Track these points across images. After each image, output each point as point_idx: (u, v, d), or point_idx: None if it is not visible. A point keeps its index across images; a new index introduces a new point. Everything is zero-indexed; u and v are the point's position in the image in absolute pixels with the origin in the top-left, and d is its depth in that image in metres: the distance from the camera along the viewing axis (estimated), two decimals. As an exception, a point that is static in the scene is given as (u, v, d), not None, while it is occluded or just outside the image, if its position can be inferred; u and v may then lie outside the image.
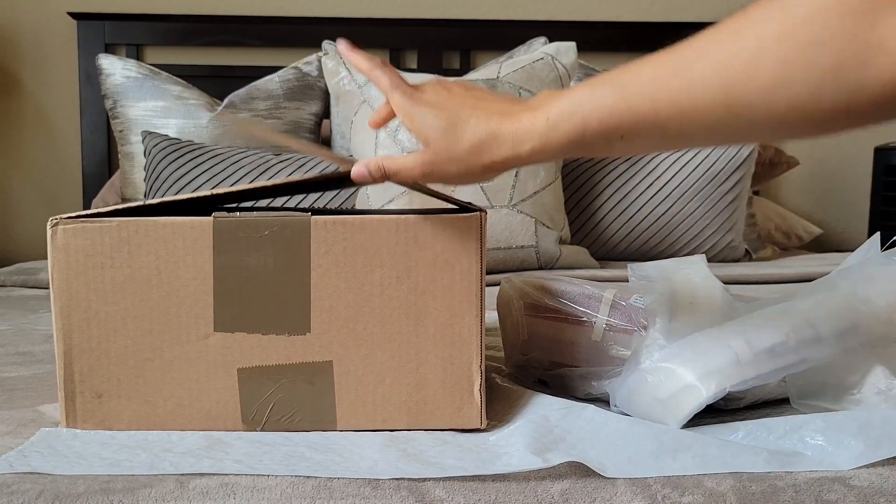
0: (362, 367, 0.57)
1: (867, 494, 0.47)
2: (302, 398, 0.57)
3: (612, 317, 0.64)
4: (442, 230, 0.56)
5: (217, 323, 0.56)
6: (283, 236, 0.56)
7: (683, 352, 0.58)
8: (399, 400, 0.57)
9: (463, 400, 0.58)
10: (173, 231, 0.56)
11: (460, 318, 0.57)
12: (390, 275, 0.56)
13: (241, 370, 0.57)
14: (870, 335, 0.55)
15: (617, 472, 0.49)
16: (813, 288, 0.59)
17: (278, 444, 0.54)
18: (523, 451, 0.52)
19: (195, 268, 0.56)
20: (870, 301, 0.56)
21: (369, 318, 0.57)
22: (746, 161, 1.71)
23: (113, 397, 0.57)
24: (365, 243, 0.56)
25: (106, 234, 0.56)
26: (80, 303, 0.56)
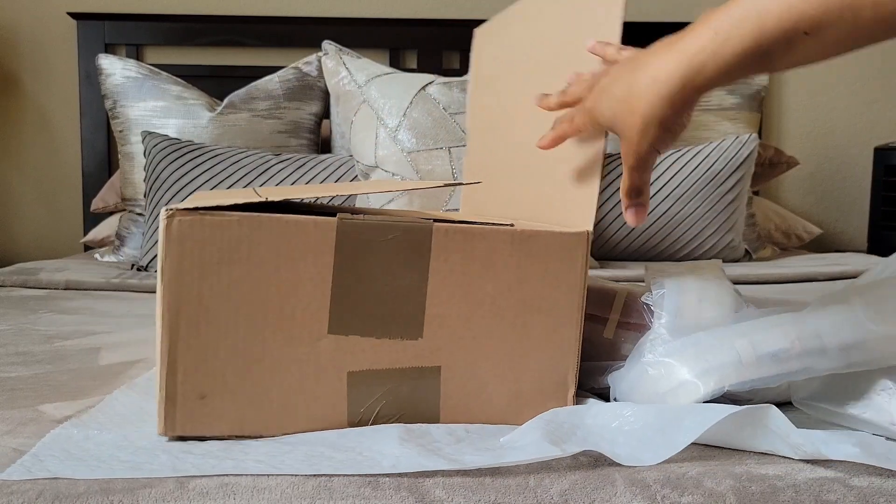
0: (467, 374, 0.58)
1: (867, 494, 0.47)
2: (407, 401, 0.58)
3: (624, 315, 0.65)
4: (552, 245, 0.58)
5: (332, 325, 0.56)
6: (405, 241, 0.56)
7: (687, 348, 0.58)
8: (497, 405, 0.59)
9: (557, 406, 0.60)
10: (297, 230, 0.54)
11: (562, 330, 0.59)
12: (502, 286, 0.57)
13: (352, 374, 0.56)
14: (876, 354, 0.55)
15: (632, 459, 0.50)
16: (825, 300, 0.59)
17: (297, 444, 0.54)
18: (539, 441, 0.53)
19: (315, 268, 0.55)
20: (880, 320, 0.56)
21: (478, 327, 0.58)
22: (746, 161, 1.71)
23: (217, 398, 0.55)
24: (482, 253, 0.57)
25: (226, 229, 0.53)
26: (191, 298, 0.53)
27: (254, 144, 1.82)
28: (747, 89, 2.01)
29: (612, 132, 0.57)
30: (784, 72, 0.48)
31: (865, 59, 2.29)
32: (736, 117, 1.99)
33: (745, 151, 1.71)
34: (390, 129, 1.55)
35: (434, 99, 1.57)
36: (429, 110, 1.56)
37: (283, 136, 1.86)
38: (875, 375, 0.57)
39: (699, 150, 1.73)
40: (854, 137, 2.31)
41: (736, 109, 2.00)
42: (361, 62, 1.70)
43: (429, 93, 1.58)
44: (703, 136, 1.96)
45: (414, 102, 1.56)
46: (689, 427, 0.51)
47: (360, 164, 1.61)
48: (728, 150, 1.71)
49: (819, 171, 2.32)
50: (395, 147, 1.54)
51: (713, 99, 2.00)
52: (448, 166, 1.51)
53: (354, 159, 1.64)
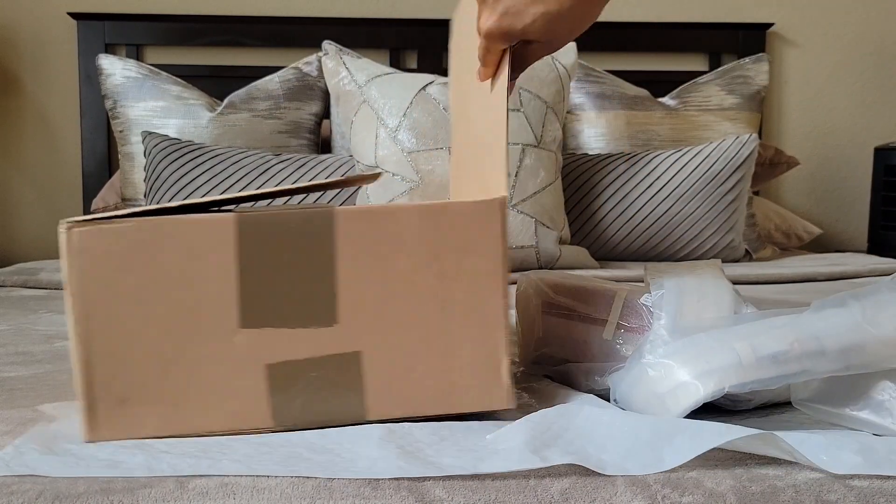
0: (391, 356, 0.57)
1: (867, 494, 0.47)
2: (331, 390, 0.57)
3: (623, 316, 0.65)
4: (465, 216, 0.57)
5: (243, 319, 0.55)
6: (307, 229, 0.55)
7: (686, 349, 0.58)
8: (429, 386, 0.57)
9: (491, 382, 0.58)
10: (195, 229, 0.55)
11: (486, 300, 0.57)
12: (415, 262, 0.56)
13: (270, 366, 0.56)
14: (875, 357, 0.55)
15: (615, 468, 0.49)
16: (823, 303, 0.59)
17: (277, 445, 0.54)
18: (521, 448, 0.52)
19: (218, 265, 0.55)
20: (878, 324, 0.56)
21: (396, 307, 0.56)
22: (746, 161, 1.71)
23: (137, 403, 0.55)
24: (389, 232, 0.56)
25: (124, 236, 0.54)
26: (99, 307, 0.54)
27: (254, 144, 1.82)
28: (747, 89, 2.01)
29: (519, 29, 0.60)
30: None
31: (865, 59, 2.29)
32: (736, 117, 1.99)
33: (745, 151, 1.71)
34: (390, 130, 1.55)
35: (434, 99, 1.57)
36: (429, 110, 1.56)
37: (284, 137, 1.86)
38: (874, 377, 0.57)
39: (699, 150, 1.73)
40: (854, 137, 2.31)
41: (736, 109, 2.00)
42: (361, 62, 1.70)
43: (429, 93, 1.58)
44: (703, 136, 1.96)
45: (414, 102, 1.57)
46: (679, 446, 0.51)
47: (360, 165, 1.61)
48: (728, 150, 1.71)
49: (819, 171, 2.32)
50: (396, 147, 1.54)
51: (713, 99, 2.00)
52: (448, 166, 1.51)
53: (354, 159, 1.64)
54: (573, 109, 2.00)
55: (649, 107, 1.98)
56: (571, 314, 0.68)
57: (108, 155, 2.08)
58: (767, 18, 2.24)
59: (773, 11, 2.25)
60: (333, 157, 1.72)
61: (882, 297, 0.58)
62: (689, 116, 1.98)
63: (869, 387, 0.57)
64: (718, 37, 2.21)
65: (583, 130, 1.99)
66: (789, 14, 2.26)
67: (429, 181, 1.51)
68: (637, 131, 1.96)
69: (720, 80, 2.03)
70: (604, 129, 1.97)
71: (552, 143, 1.60)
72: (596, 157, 1.77)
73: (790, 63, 2.28)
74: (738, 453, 0.53)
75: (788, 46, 2.28)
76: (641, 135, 1.96)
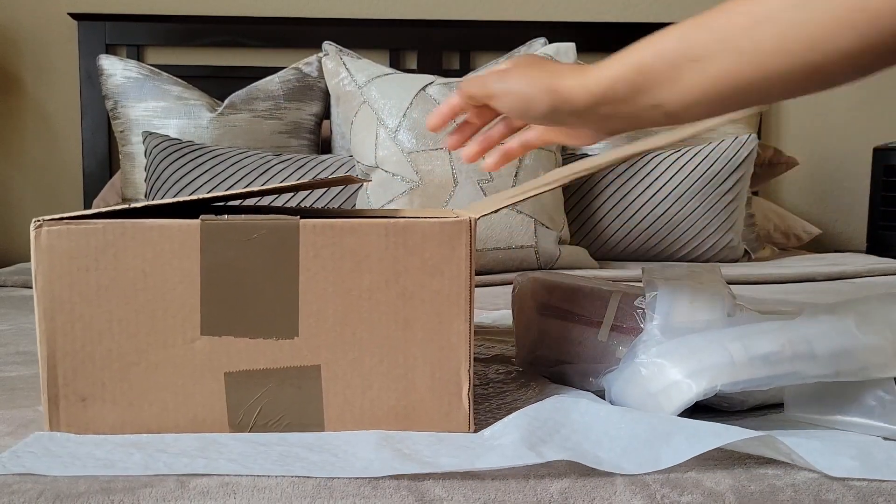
0: (350, 372, 0.57)
1: (866, 494, 0.47)
2: (289, 402, 0.57)
3: (618, 317, 0.65)
4: (431, 236, 0.56)
5: (204, 326, 0.56)
6: (271, 240, 0.55)
7: (679, 349, 0.58)
8: (387, 404, 0.57)
9: (451, 404, 0.57)
10: (160, 234, 0.55)
11: (449, 323, 0.56)
12: (379, 279, 0.56)
13: (228, 374, 0.56)
14: (864, 364, 0.56)
15: (612, 466, 0.50)
16: (816, 309, 0.60)
17: (273, 445, 0.54)
18: (517, 444, 0.52)
19: (182, 271, 0.55)
20: (869, 331, 0.57)
21: (357, 323, 0.56)
22: (745, 161, 1.71)
23: (97, 401, 0.56)
24: (353, 247, 0.56)
25: (91, 237, 0.55)
26: (63, 305, 0.55)
27: (254, 145, 1.82)
28: (747, 90, 2.02)
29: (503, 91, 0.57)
30: (672, 111, 0.50)
31: (865, 59, 2.29)
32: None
33: (744, 152, 1.71)
34: (390, 130, 1.55)
35: (434, 99, 1.57)
36: (429, 111, 1.56)
37: (284, 137, 1.87)
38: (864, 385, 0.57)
39: (698, 151, 1.73)
40: (853, 137, 2.32)
41: (735, 110, 2.00)
42: (361, 63, 1.70)
43: (429, 93, 1.58)
44: (703, 136, 1.96)
45: (414, 103, 1.57)
46: (677, 446, 0.51)
47: (360, 165, 1.61)
48: (727, 150, 1.72)
49: (818, 171, 2.33)
50: (396, 147, 1.54)
51: (713, 99, 2.00)
52: (448, 167, 1.51)
53: (354, 160, 1.64)
54: (573, 110, 2.00)
55: (649, 107, 1.99)
56: (567, 315, 0.69)
57: (109, 155, 2.08)
58: (767, 19, 2.24)
59: (773, 12, 2.25)
60: (333, 158, 1.72)
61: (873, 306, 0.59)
62: (688, 117, 1.98)
63: (859, 394, 0.57)
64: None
65: (582, 131, 1.99)
66: (789, 14, 2.26)
67: (428, 181, 1.51)
68: (636, 131, 1.96)
69: (720, 80, 2.03)
70: (603, 130, 1.97)
71: (552, 143, 1.61)
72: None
73: (790, 63, 2.28)
74: (737, 453, 0.53)
75: (788, 47, 2.28)
76: (641, 135, 1.96)
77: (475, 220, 0.56)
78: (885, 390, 0.57)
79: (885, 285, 1.39)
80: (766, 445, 0.51)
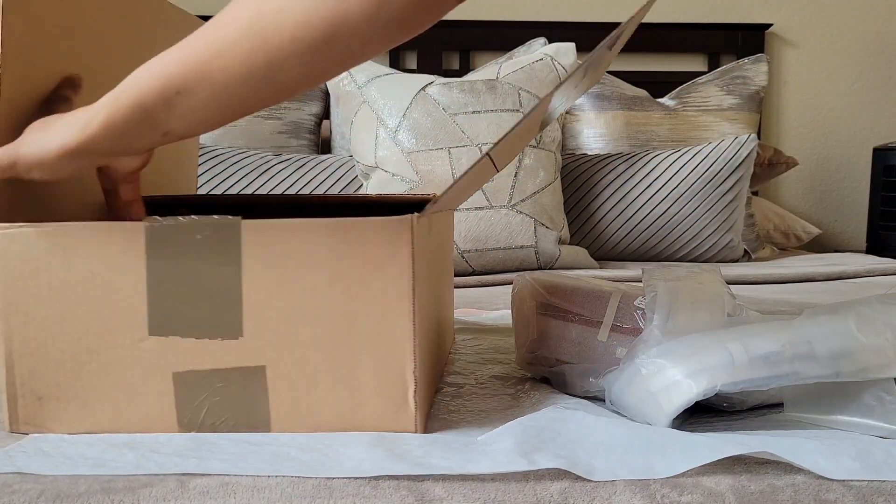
0: (295, 371, 0.57)
1: (866, 494, 0.47)
2: (236, 402, 0.57)
3: (618, 318, 0.65)
4: (373, 234, 0.55)
5: (151, 327, 0.56)
6: (214, 240, 0.55)
7: (679, 348, 0.58)
8: (333, 404, 0.57)
9: (398, 405, 0.57)
10: (108, 235, 0.56)
11: (393, 321, 0.56)
12: (321, 278, 0.56)
13: (176, 374, 0.57)
14: (864, 365, 0.56)
15: (605, 474, 0.50)
16: (816, 310, 0.60)
17: (265, 444, 0.54)
18: (510, 451, 0.52)
19: (129, 272, 0.56)
20: (869, 332, 0.57)
21: (301, 322, 0.56)
22: (745, 161, 1.71)
23: (52, 400, 0.57)
24: (296, 247, 0.56)
25: (42, 239, 0.56)
26: (18, 307, 0.56)
27: (254, 145, 1.82)
28: (746, 90, 2.02)
29: None
30: (183, 133, 0.54)
31: (864, 60, 2.29)
32: (735, 118, 1.99)
33: (744, 152, 1.71)
34: (390, 130, 1.55)
35: (434, 99, 1.57)
36: (429, 111, 1.56)
37: (284, 137, 1.87)
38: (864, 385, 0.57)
39: (698, 151, 1.73)
40: (853, 138, 2.32)
41: (735, 110, 2.00)
42: (361, 63, 1.70)
43: (429, 93, 1.58)
44: (702, 136, 1.96)
45: (414, 103, 1.57)
46: (672, 457, 0.51)
47: (360, 165, 1.61)
48: (727, 150, 1.72)
49: (818, 171, 2.33)
50: (395, 147, 1.54)
51: (712, 99, 2.00)
52: (448, 167, 1.51)
53: (354, 160, 1.64)
54: (572, 110, 2.01)
55: (648, 107, 1.99)
56: (566, 315, 0.69)
57: (108, 155, 2.08)
58: (766, 19, 2.24)
59: (772, 12, 2.25)
60: (333, 158, 1.72)
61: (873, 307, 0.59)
62: (688, 117, 1.99)
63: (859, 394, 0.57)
64: (717, 37, 2.21)
65: (582, 131, 1.99)
66: (788, 15, 2.27)
67: (428, 181, 1.51)
68: (636, 131, 1.96)
69: (719, 80, 2.03)
70: (603, 130, 1.97)
71: (551, 143, 1.61)
72: (595, 158, 1.77)
73: (789, 63, 2.29)
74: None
75: (787, 47, 2.28)
76: (640, 135, 1.96)
77: (417, 217, 0.55)
78: (885, 390, 0.57)
79: (885, 285, 1.39)
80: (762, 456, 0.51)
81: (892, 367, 0.57)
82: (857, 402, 0.57)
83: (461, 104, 1.57)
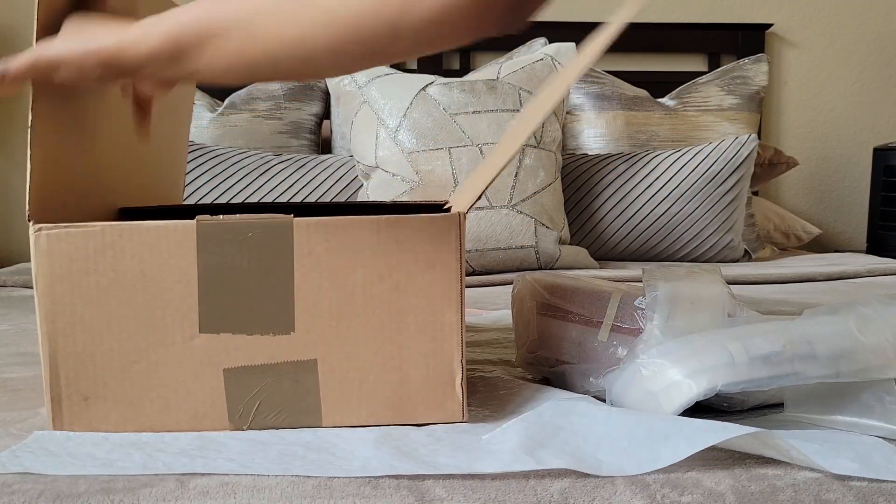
0: (346, 365, 0.58)
1: (866, 494, 0.47)
2: (287, 396, 0.58)
3: (618, 318, 0.65)
4: (422, 230, 0.57)
5: (202, 324, 0.57)
6: (265, 238, 0.56)
7: (679, 349, 0.58)
8: (383, 396, 0.58)
9: (446, 394, 0.58)
10: (157, 234, 0.56)
11: (441, 314, 0.58)
12: (372, 274, 0.57)
13: (227, 370, 0.57)
14: (864, 365, 0.56)
15: (611, 468, 0.50)
16: (816, 311, 0.60)
17: (272, 443, 0.54)
18: (516, 449, 0.52)
19: (179, 270, 0.56)
20: (869, 334, 0.57)
21: (352, 317, 0.57)
22: (745, 161, 1.71)
23: (99, 400, 0.57)
24: (347, 244, 0.57)
25: (90, 239, 0.56)
26: (64, 307, 0.56)
27: (254, 145, 1.82)
28: (746, 90, 2.02)
29: None
30: (207, 76, 0.55)
31: (864, 60, 2.29)
32: (735, 118, 1.99)
33: (744, 152, 1.71)
34: (391, 130, 1.55)
35: (434, 99, 1.57)
36: (429, 111, 1.56)
37: (284, 137, 1.87)
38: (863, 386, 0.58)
39: (699, 151, 1.73)
40: (853, 138, 2.32)
41: (735, 110, 2.00)
42: (361, 63, 1.70)
43: (429, 93, 1.58)
44: (703, 136, 1.96)
45: (414, 103, 1.57)
46: (675, 444, 0.51)
47: (360, 165, 1.61)
48: (727, 150, 1.72)
49: (818, 171, 2.33)
50: (396, 147, 1.54)
51: (712, 99, 2.00)
52: (448, 167, 1.51)
53: (355, 160, 1.64)
54: (573, 110, 2.01)
55: (649, 107, 1.99)
56: (567, 316, 0.69)
57: (109, 155, 2.08)
58: (766, 19, 2.24)
59: (772, 12, 2.25)
60: (334, 158, 1.72)
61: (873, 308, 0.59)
62: (688, 117, 1.98)
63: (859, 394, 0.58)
64: (717, 37, 2.21)
65: (582, 131, 1.99)
66: (788, 14, 2.27)
67: (429, 181, 1.51)
68: (636, 131, 1.96)
69: (719, 80, 2.03)
70: (603, 130, 1.97)
71: (552, 143, 1.61)
72: (595, 158, 1.77)
73: (789, 63, 2.29)
74: (737, 453, 0.53)
75: (787, 47, 2.28)
76: (641, 135, 1.96)
77: (464, 214, 0.57)
78: (885, 391, 0.57)
79: (886, 285, 1.39)
80: (764, 444, 0.51)
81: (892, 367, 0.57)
82: (857, 403, 0.57)
83: (461, 104, 1.57)
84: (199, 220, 0.56)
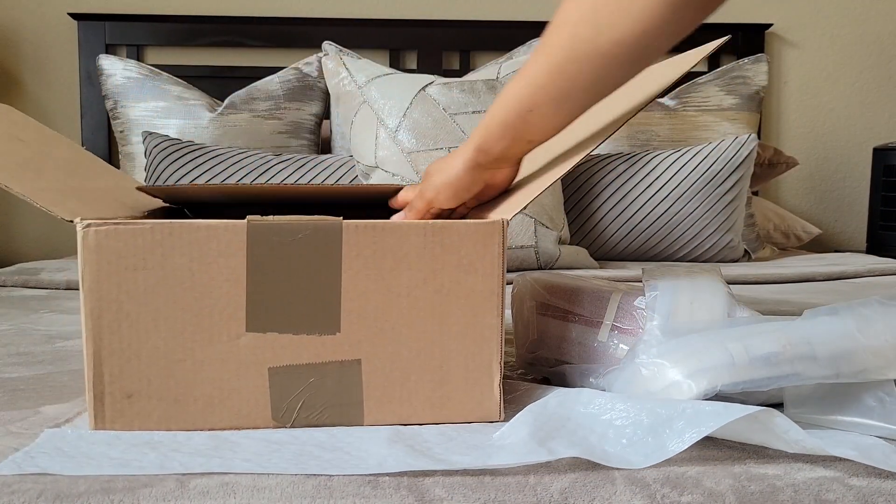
0: (389, 365, 0.59)
1: (866, 494, 0.47)
2: (330, 395, 0.58)
3: (618, 318, 0.65)
4: (466, 236, 0.59)
5: (249, 323, 0.57)
6: (315, 239, 0.57)
7: (679, 349, 0.58)
8: (423, 395, 0.59)
9: (483, 394, 0.60)
10: (207, 234, 0.56)
11: (482, 317, 0.59)
12: (417, 277, 0.58)
13: (272, 369, 0.58)
14: (864, 366, 0.56)
15: (619, 460, 0.50)
16: (816, 312, 0.60)
17: (286, 443, 0.54)
18: (528, 440, 0.53)
19: (228, 269, 0.57)
20: (869, 335, 0.57)
21: (396, 319, 0.58)
22: (745, 161, 1.71)
23: (143, 398, 0.57)
24: (394, 247, 0.58)
25: (139, 237, 0.56)
26: (111, 304, 0.56)
27: (254, 145, 1.82)
28: (746, 90, 2.02)
29: (436, 201, 0.67)
30: (542, 139, 0.64)
31: (864, 60, 2.29)
32: (735, 117, 1.99)
33: (744, 152, 1.71)
34: (390, 130, 1.55)
35: (434, 99, 1.57)
36: (429, 111, 1.56)
37: (284, 137, 1.87)
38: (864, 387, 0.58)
39: (698, 151, 1.73)
40: (853, 138, 2.32)
41: (735, 110, 2.00)
42: (361, 63, 1.70)
43: (429, 93, 1.58)
44: (703, 136, 1.96)
45: (414, 103, 1.57)
46: (681, 431, 0.51)
47: (360, 165, 1.61)
48: (727, 150, 1.72)
49: (818, 171, 2.33)
50: (396, 147, 1.54)
51: (712, 99, 2.00)
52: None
53: (354, 160, 1.64)
54: (573, 110, 2.00)
55: (648, 107, 1.99)
56: (566, 315, 0.69)
57: (109, 155, 2.08)
58: (766, 19, 2.24)
59: (772, 12, 2.25)
60: (333, 158, 1.72)
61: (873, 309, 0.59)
62: (688, 117, 1.98)
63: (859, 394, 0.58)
64: (717, 37, 2.21)
65: (582, 131, 1.99)
66: (788, 14, 2.27)
67: (429, 181, 1.51)
68: (636, 131, 1.96)
69: (719, 80, 2.03)
70: (603, 130, 1.97)
71: (552, 143, 1.61)
72: (595, 158, 1.77)
73: (789, 63, 2.29)
74: (737, 452, 0.53)
75: (787, 47, 2.28)
76: (641, 135, 1.96)
77: (507, 221, 0.59)
78: (885, 391, 0.57)
79: (885, 285, 1.39)
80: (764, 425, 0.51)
81: (892, 368, 0.57)
82: (857, 403, 0.57)
83: (461, 104, 1.57)
84: (250, 220, 0.57)
